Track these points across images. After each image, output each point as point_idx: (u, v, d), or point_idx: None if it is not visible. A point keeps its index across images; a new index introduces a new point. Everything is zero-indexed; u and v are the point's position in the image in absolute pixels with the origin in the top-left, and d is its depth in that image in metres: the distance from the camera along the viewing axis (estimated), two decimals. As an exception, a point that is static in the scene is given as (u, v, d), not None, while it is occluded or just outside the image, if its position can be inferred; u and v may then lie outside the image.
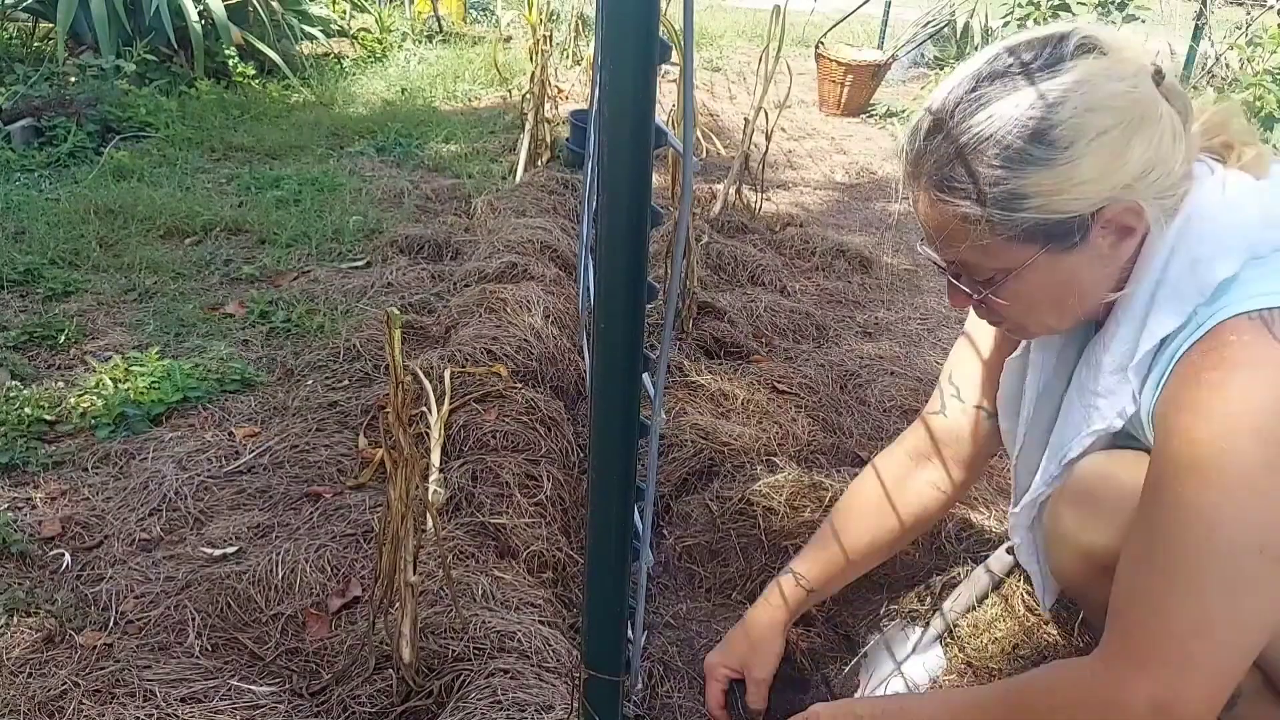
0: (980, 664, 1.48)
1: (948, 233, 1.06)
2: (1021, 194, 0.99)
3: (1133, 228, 1.02)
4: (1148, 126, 0.99)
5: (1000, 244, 1.03)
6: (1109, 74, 0.98)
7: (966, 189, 1.01)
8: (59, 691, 1.34)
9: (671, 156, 2.80)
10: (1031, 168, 0.98)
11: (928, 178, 1.05)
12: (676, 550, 1.78)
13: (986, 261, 1.06)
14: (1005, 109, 0.98)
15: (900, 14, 8.27)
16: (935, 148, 1.03)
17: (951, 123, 1.01)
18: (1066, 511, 1.19)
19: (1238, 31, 5.06)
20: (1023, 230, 1.01)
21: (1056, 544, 1.22)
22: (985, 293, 1.10)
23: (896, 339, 2.82)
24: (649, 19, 0.70)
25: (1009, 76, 1.00)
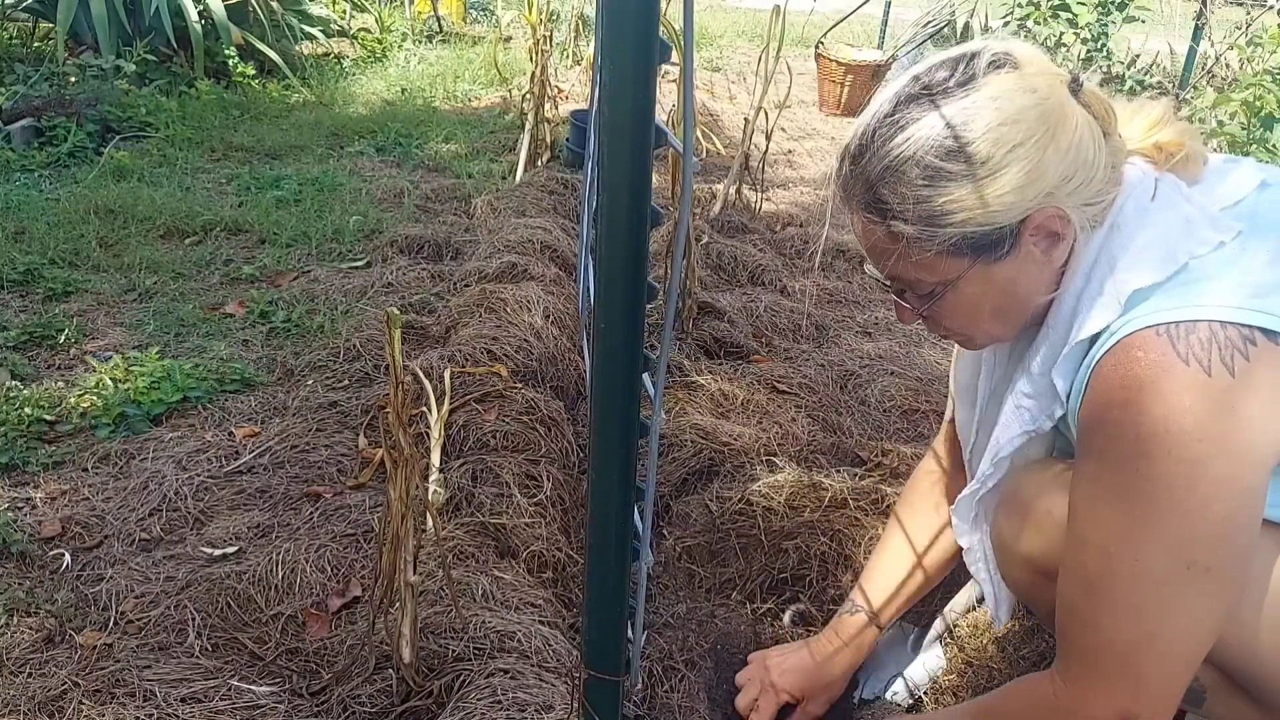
0: (980, 664, 1.48)
1: (883, 251, 1.09)
2: (945, 210, 1.02)
3: (1059, 233, 1.05)
4: (1063, 135, 1.01)
5: (932, 259, 1.06)
6: (1020, 88, 1.01)
7: (892, 209, 1.04)
8: (59, 691, 1.34)
9: (671, 156, 2.80)
10: (951, 184, 1.01)
11: (857, 200, 1.08)
12: (676, 550, 1.78)
13: (923, 276, 1.09)
14: (922, 130, 1.02)
15: (900, 14, 8.27)
16: (860, 172, 1.06)
17: (873, 147, 1.05)
18: (1004, 521, 1.21)
19: (1238, 31, 5.06)
20: (951, 245, 1.04)
21: (1001, 553, 1.25)
22: (927, 307, 1.13)
23: (896, 339, 2.82)
24: (649, 19, 0.70)
25: (924, 98, 1.03)
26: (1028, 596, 1.26)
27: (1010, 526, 1.20)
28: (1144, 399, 0.95)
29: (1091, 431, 1.02)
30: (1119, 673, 1.00)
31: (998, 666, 1.46)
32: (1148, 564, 0.96)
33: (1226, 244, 1.00)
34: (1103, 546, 0.99)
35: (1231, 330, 0.94)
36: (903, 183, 1.03)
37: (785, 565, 1.71)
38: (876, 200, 1.06)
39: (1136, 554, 0.97)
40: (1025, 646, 1.45)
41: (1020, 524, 1.18)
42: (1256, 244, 1.00)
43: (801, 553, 1.71)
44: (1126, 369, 0.97)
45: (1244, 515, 0.95)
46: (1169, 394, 0.94)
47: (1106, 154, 1.04)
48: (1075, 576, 1.04)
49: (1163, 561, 0.96)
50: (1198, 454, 0.93)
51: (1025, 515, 1.17)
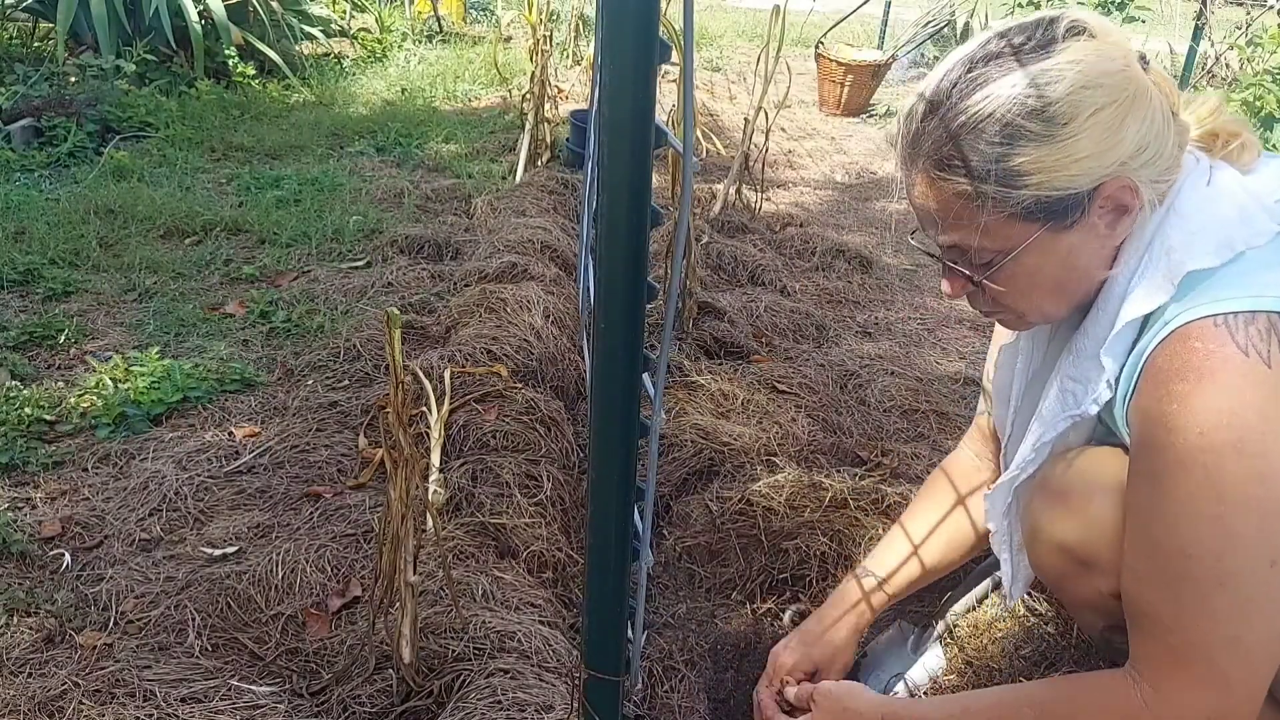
0: (980, 664, 1.48)
1: (946, 214, 1.06)
2: (1022, 170, 1.00)
3: (1129, 206, 1.03)
4: (1140, 106, 1.00)
5: (1000, 222, 1.03)
6: (1101, 54, 1.00)
7: (968, 166, 1.01)
8: (59, 691, 1.34)
9: (671, 156, 2.80)
10: (1031, 144, 0.99)
11: (926, 158, 1.05)
12: (676, 550, 1.78)
13: (985, 243, 1.06)
14: (1002, 88, 1.00)
15: (900, 14, 8.27)
16: (933, 129, 1.03)
17: (949, 104, 1.02)
18: (1040, 506, 1.19)
19: (1238, 31, 5.06)
20: (1023, 208, 1.02)
21: (1033, 538, 1.22)
22: (983, 276, 1.09)
23: (896, 339, 2.82)
24: (649, 19, 0.70)
25: (1003, 57, 1.01)
26: (1057, 584, 1.24)
27: (1046, 513, 1.17)
28: (1204, 392, 0.93)
29: (1149, 426, 0.99)
30: (1205, 675, 0.97)
31: (998, 666, 1.46)
32: (1230, 565, 0.94)
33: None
34: (1180, 548, 0.96)
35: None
36: (981, 140, 1.00)
37: (785, 565, 1.71)
38: (949, 158, 1.02)
39: (1219, 554, 0.94)
40: (1026, 646, 1.45)
41: (1057, 511, 1.16)
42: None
43: (801, 553, 1.71)
44: (1184, 360, 0.96)
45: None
46: (1230, 387, 0.92)
47: (1174, 133, 1.04)
48: (1152, 579, 1.01)
49: (1245, 561, 0.94)
50: (1266, 448, 0.91)
51: (1062, 502, 1.15)
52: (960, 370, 2.61)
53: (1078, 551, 1.14)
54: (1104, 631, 1.22)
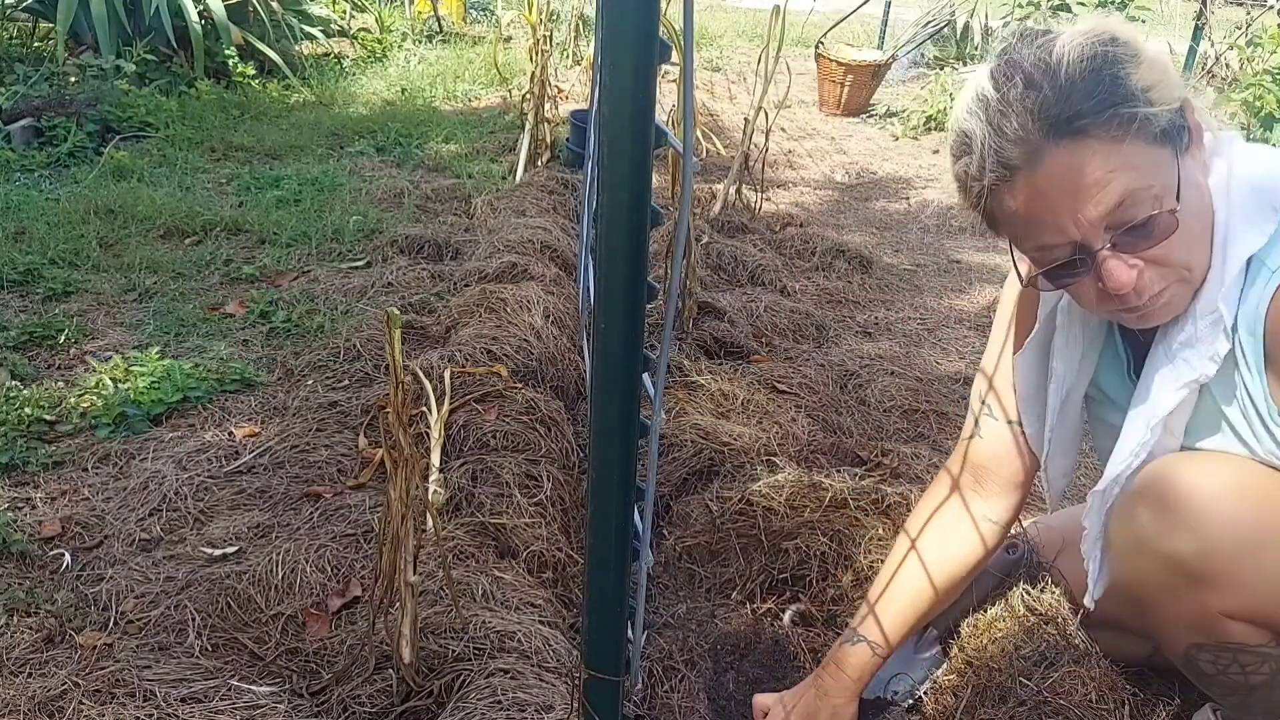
0: (980, 664, 1.48)
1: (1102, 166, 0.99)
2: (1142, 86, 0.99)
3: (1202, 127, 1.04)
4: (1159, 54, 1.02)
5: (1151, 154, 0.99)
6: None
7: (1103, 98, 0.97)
8: (59, 691, 1.34)
9: (671, 156, 2.80)
10: (1129, 64, 0.99)
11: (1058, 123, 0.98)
12: (676, 550, 1.78)
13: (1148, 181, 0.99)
14: (1071, 37, 1.00)
15: (900, 14, 8.27)
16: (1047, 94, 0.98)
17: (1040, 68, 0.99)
18: (1145, 514, 1.11)
19: (1238, 31, 5.06)
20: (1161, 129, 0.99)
21: (1133, 549, 1.15)
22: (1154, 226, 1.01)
23: (896, 339, 2.82)
24: (649, 19, 0.70)
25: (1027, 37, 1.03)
26: (1153, 598, 1.16)
27: (1154, 521, 1.10)
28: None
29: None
30: None
31: (998, 666, 1.46)
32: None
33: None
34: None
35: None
36: (1096, 72, 0.98)
37: (785, 565, 1.71)
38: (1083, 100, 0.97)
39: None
40: (1026, 646, 1.45)
41: (1168, 520, 1.08)
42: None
43: (801, 553, 1.71)
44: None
45: None
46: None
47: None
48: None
49: None
50: None
51: (1175, 511, 1.08)
52: (960, 370, 2.61)
53: (1192, 566, 1.07)
54: (1189, 649, 1.16)
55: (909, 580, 1.38)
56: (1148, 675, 1.44)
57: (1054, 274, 1.07)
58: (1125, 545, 1.16)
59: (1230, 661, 1.12)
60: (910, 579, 1.38)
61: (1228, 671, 1.14)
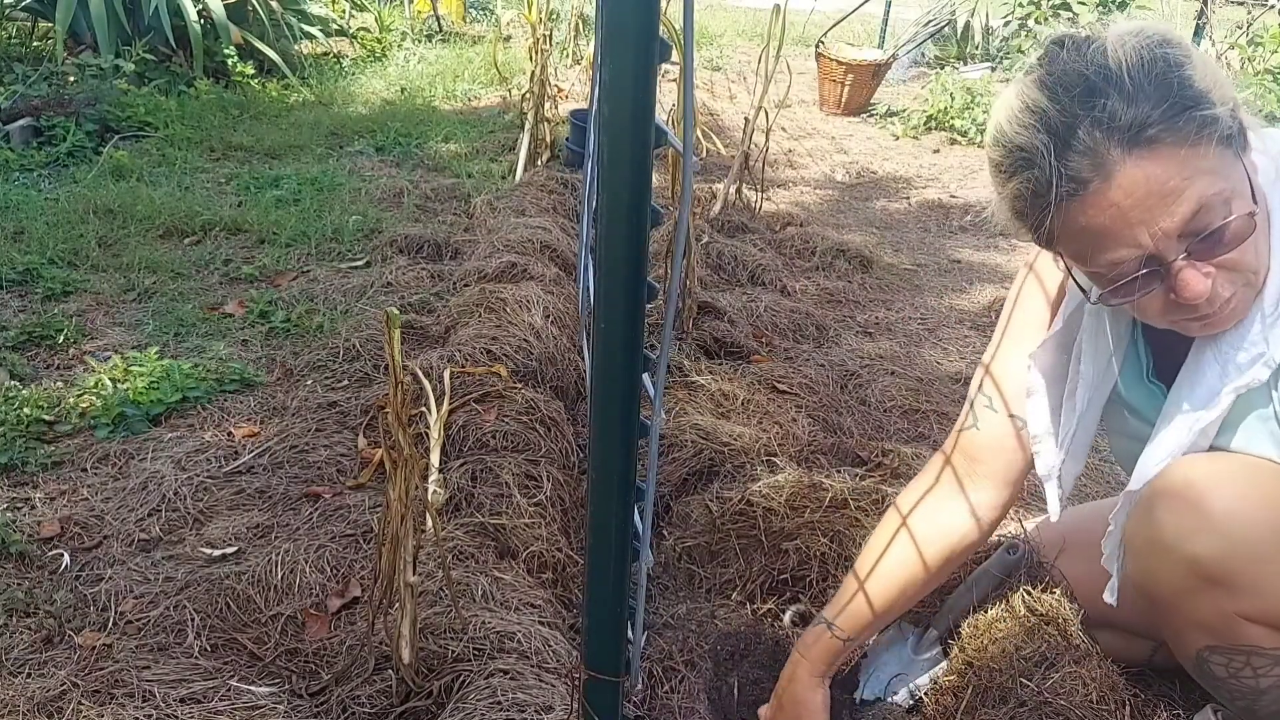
0: (980, 664, 1.48)
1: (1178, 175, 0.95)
2: (1202, 89, 0.95)
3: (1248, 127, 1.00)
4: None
5: (1222, 157, 0.96)
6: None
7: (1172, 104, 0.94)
8: (58, 691, 1.34)
9: (671, 156, 2.80)
10: (1189, 66, 0.96)
11: (1120, 137, 0.95)
12: (676, 550, 1.78)
13: (1221, 186, 0.96)
14: (1113, 42, 0.96)
15: (900, 13, 8.27)
16: (1114, 102, 0.94)
17: (1098, 78, 0.95)
18: (1168, 517, 1.09)
19: (1238, 31, 5.06)
20: (1224, 132, 0.96)
21: (1151, 550, 1.13)
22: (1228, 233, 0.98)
23: (896, 339, 2.82)
24: (649, 19, 0.70)
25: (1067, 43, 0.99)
26: (1168, 600, 1.15)
27: (1174, 522, 1.08)
28: None
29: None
30: None
31: (998, 666, 1.46)
32: None
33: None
34: None
35: None
36: (1157, 77, 0.94)
37: (785, 566, 1.71)
38: (1145, 116, 0.94)
39: None
40: (1026, 646, 1.45)
41: (1191, 522, 1.07)
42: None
43: (802, 553, 1.70)
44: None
45: None
46: None
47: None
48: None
49: None
50: None
51: (1197, 513, 1.06)
52: (960, 370, 2.61)
53: (1212, 568, 1.06)
54: (1200, 651, 1.16)
55: (878, 570, 1.37)
56: (1148, 676, 1.44)
57: (1125, 289, 1.03)
58: (1142, 545, 1.14)
59: (1243, 664, 1.12)
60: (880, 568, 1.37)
61: (1239, 675, 1.13)
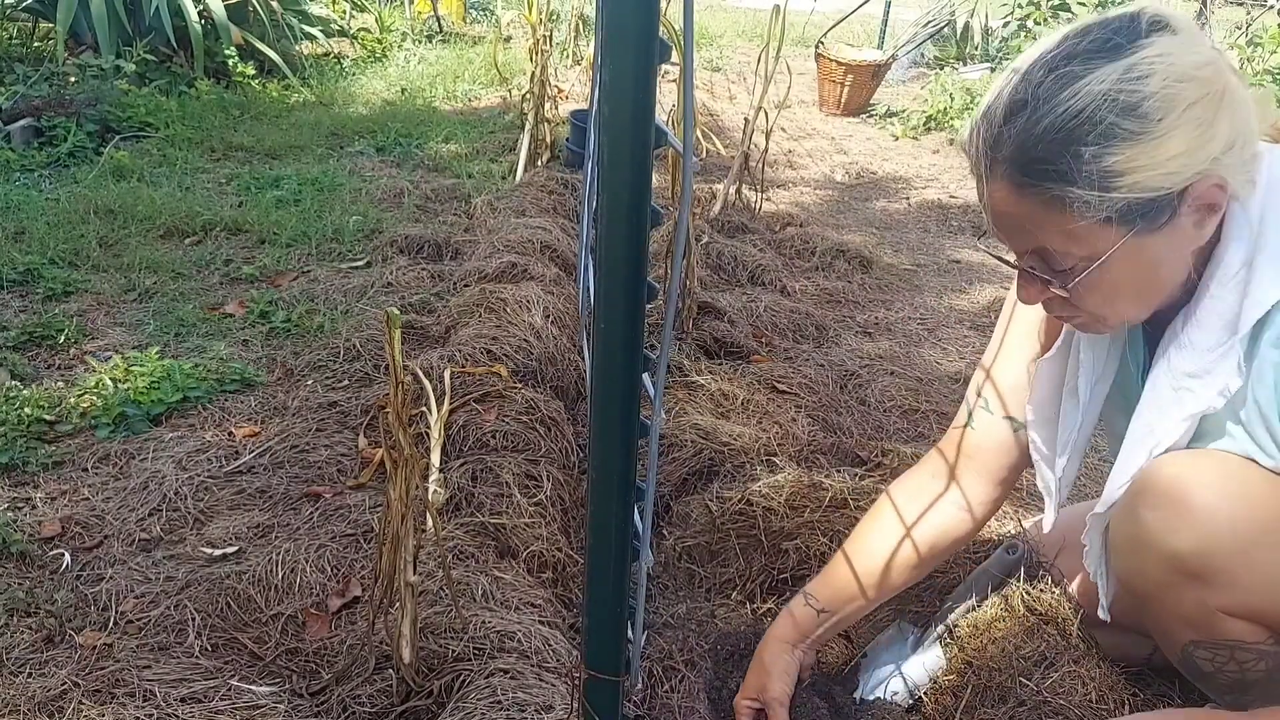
0: (980, 664, 1.48)
1: (1030, 220, 1.01)
2: (1116, 171, 0.95)
3: (1217, 204, 1.00)
4: (1230, 98, 0.97)
5: (1089, 228, 0.98)
6: (1189, 47, 0.96)
7: (1057, 170, 0.96)
8: (59, 691, 1.34)
9: (671, 156, 2.80)
10: (1125, 143, 0.94)
11: (1009, 163, 0.99)
12: (676, 550, 1.78)
13: (1072, 248, 1.01)
14: (1092, 85, 0.94)
15: (900, 14, 8.27)
16: (1019, 130, 0.98)
17: (1034, 103, 0.97)
18: (1148, 514, 1.11)
19: (1238, 31, 5.06)
20: (1115, 211, 0.97)
21: (1132, 547, 1.15)
22: (1066, 284, 1.04)
23: (896, 339, 2.82)
24: (649, 19, 0.70)
25: (1088, 55, 0.96)
26: (1151, 596, 1.16)
27: (1156, 519, 1.09)
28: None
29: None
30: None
31: (997, 666, 1.46)
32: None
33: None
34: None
35: None
36: (1071, 140, 0.95)
37: (785, 565, 1.71)
38: (1036, 161, 0.97)
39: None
40: (1025, 646, 1.45)
41: (1169, 518, 1.08)
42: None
43: (801, 553, 1.71)
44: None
45: None
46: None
47: (1256, 121, 1.01)
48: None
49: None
50: None
51: (1177, 509, 1.08)
52: (960, 370, 2.61)
53: (1190, 562, 1.08)
54: (1186, 646, 1.17)
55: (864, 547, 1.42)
56: (1148, 675, 1.44)
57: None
58: (1126, 543, 1.16)
59: (1227, 659, 1.13)
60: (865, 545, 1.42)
61: (1224, 669, 1.14)
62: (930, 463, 1.44)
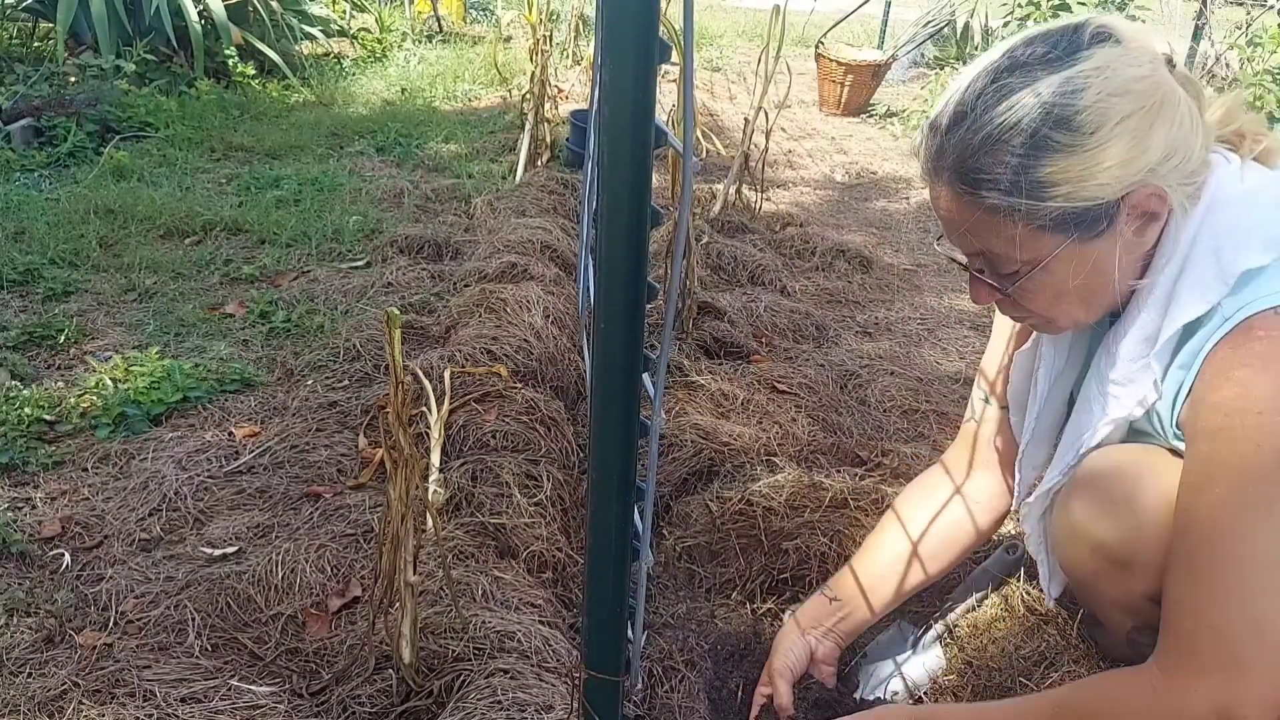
0: (980, 664, 1.48)
1: (972, 226, 1.05)
2: (1048, 181, 0.99)
3: (1157, 213, 1.03)
4: (1168, 110, 0.99)
5: (1028, 234, 1.03)
6: (1127, 60, 0.98)
7: (993, 179, 1.01)
8: (59, 691, 1.34)
9: (671, 156, 2.80)
10: (1058, 154, 0.98)
11: (950, 171, 1.04)
12: (676, 550, 1.78)
13: (1014, 253, 1.05)
14: (1027, 98, 0.98)
15: (900, 14, 8.27)
16: (958, 140, 1.02)
17: (973, 115, 1.01)
18: (1078, 505, 1.18)
19: (1238, 31, 5.06)
20: (1050, 219, 1.01)
21: (1067, 536, 1.21)
22: (1012, 286, 1.09)
23: (896, 339, 2.82)
24: (649, 19, 0.70)
25: (1029, 66, 1.00)
26: (1089, 584, 1.23)
27: (1084, 511, 1.16)
28: (1267, 376, 0.94)
29: (1207, 414, 0.99)
30: (1219, 660, 0.94)
31: (997, 666, 1.46)
32: (1265, 544, 0.93)
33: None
34: (1217, 528, 0.95)
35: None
36: (1005, 152, 0.99)
37: (785, 565, 1.71)
38: (973, 170, 1.02)
39: (1252, 533, 0.93)
40: (1025, 646, 1.45)
41: (1096, 509, 1.15)
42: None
43: (801, 553, 1.71)
44: (1248, 349, 0.96)
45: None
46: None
47: (1202, 134, 1.03)
48: (1182, 562, 1.00)
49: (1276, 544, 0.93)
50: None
51: (1102, 501, 1.14)
52: (960, 370, 2.61)
53: (1115, 551, 1.13)
54: (1131, 633, 1.22)
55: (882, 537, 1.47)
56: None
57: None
58: (1061, 533, 1.23)
59: None
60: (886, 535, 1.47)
61: None
62: (940, 465, 1.50)
